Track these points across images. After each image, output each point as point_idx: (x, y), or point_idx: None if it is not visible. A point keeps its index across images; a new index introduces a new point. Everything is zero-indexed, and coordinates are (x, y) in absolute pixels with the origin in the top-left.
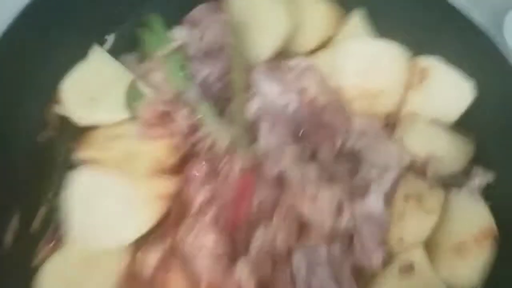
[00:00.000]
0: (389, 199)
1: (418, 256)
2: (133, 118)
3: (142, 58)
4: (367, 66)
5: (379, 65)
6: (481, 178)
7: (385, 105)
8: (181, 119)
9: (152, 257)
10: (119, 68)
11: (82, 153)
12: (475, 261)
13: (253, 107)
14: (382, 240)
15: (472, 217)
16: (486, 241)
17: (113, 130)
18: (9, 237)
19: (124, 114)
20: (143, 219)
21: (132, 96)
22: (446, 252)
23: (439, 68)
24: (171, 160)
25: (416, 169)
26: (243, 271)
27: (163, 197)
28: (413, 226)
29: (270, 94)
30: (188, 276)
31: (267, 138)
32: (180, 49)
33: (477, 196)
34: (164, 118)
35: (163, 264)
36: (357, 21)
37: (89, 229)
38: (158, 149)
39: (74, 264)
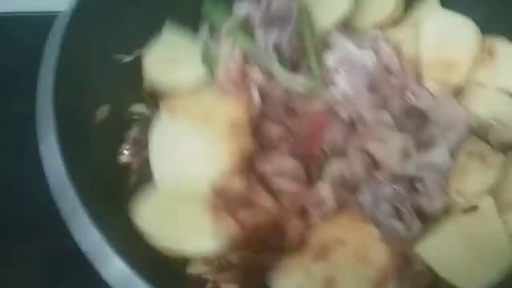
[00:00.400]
0: (453, 152)
1: (485, 201)
2: (211, 79)
3: (210, 32)
4: (444, 37)
5: (455, 37)
6: None
7: (457, 76)
8: (255, 75)
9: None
10: (191, 39)
11: (164, 113)
12: None
13: (332, 58)
14: (444, 188)
15: None
16: None
17: (193, 92)
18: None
19: (202, 74)
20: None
21: (208, 60)
22: (504, 207)
23: (504, 46)
24: (245, 120)
25: (479, 133)
26: (323, 187)
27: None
28: (474, 180)
29: (349, 49)
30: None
31: (344, 86)
32: (246, 20)
33: None
34: (240, 78)
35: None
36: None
37: (170, 170)
38: (234, 110)
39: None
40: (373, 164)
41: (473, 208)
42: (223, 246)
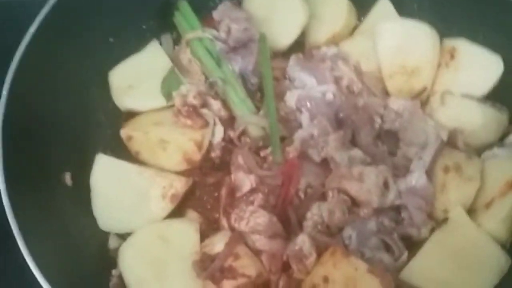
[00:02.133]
0: (430, 173)
1: (454, 210)
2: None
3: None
4: (402, 44)
5: (413, 43)
6: None
7: (420, 81)
8: (215, 110)
9: (217, 244)
10: (161, 57)
11: (125, 131)
12: (499, 213)
13: (292, 98)
14: (430, 213)
15: (500, 173)
16: (510, 191)
17: (154, 115)
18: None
19: (160, 102)
20: (151, 213)
21: (170, 84)
22: (477, 212)
23: (466, 47)
24: (197, 155)
25: (451, 142)
26: (304, 242)
27: (172, 198)
28: (456, 195)
29: (307, 84)
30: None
31: (309, 127)
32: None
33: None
34: (196, 110)
35: (231, 251)
36: (385, 4)
37: (107, 212)
38: (187, 142)
39: (154, 241)
40: (353, 202)
41: (444, 221)
42: None
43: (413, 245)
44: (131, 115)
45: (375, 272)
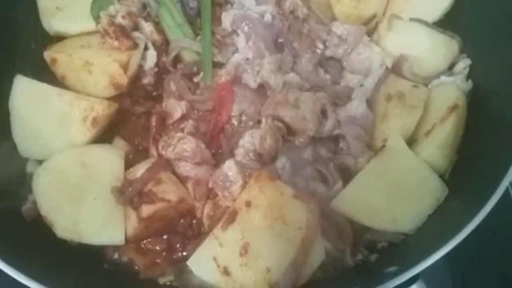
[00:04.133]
0: (371, 102)
1: (392, 138)
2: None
3: None
4: None
5: None
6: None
7: (370, 7)
8: (147, 34)
9: (139, 170)
10: None
11: (48, 54)
12: (437, 138)
13: (227, 18)
14: (368, 142)
15: (443, 100)
16: (450, 116)
17: (82, 38)
18: None
19: (89, 25)
20: (72, 138)
21: (100, 6)
22: (418, 141)
23: None
24: (124, 79)
25: (397, 70)
26: (230, 168)
27: (94, 121)
28: (396, 124)
29: (246, 4)
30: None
31: (244, 50)
32: None
33: (459, 79)
34: (123, 31)
35: (153, 176)
36: None
37: (27, 137)
38: (112, 64)
39: (73, 166)
40: (289, 131)
41: (381, 149)
42: (127, 237)
43: (350, 175)
44: (60, 39)
45: (300, 197)
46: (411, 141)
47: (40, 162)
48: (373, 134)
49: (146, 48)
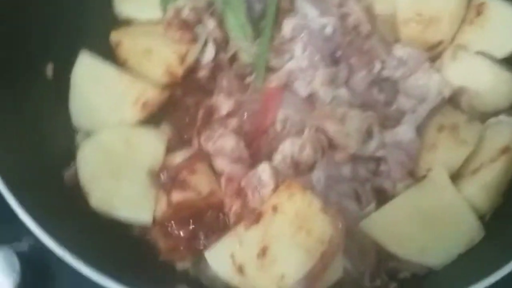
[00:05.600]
0: (421, 129)
1: (435, 170)
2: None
3: None
4: None
5: None
6: None
7: (437, 33)
8: (210, 29)
9: (178, 157)
10: None
11: (114, 36)
12: (483, 178)
13: (288, 25)
14: (410, 171)
15: (497, 140)
16: (500, 158)
17: (147, 26)
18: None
19: (157, 14)
20: (122, 117)
21: None
22: (463, 178)
23: (496, 5)
24: (179, 69)
25: (454, 101)
26: (264, 170)
27: (144, 105)
28: (444, 156)
29: (309, 15)
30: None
31: (299, 59)
32: None
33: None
34: (186, 25)
35: (190, 165)
36: None
37: (82, 110)
38: (170, 54)
39: (117, 143)
40: (330, 145)
41: (422, 178)
42: (155, 219)
43: (385, 199)
44: (127, 24)
45: (328, 212)
46: (456, 176)
47: (89, 134)
48: (417, 163)
49: (206, 43)
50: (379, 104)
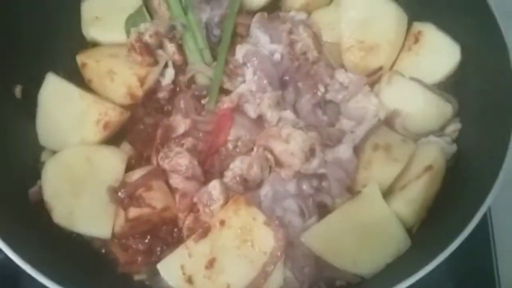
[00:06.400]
0: (358, 149)
1: (369, 186)
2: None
3: None
4: (366, 18)
5: (377, 19)
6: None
7: (378, 60)
8: (170, 53)
9: (136, 174)
10: None
11: (80, 57)
12: (409, 194)
13: (240, 51)
14: (349, 186)
15: (424, 159)
16: (424, 175)
17: (113, 48)
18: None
19: (121, 37)
20: (84, 136)
21: (134, 22)
22: (393, 193)
23: (431, 33)
24: (139, 91)
25: (389, 122)
26: (215, 187)
27: (105, 125)
28: (377, 173)
29: (261, 41)
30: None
31: (249, 83)
32: None
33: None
34: (147, 49)
35: (146, 182)
36: None
37: (47, 129)
38: (131, 76)
39: (79, 161)
40: (277, 163)
41: (357, 193)
42: (114, 233)
43: (326, 214)
44: (94, 45)
45: (271, 225)
46: (387, 192)
47: (54, 152)
48: (354, 179)
49: (166, 66)
50: (323, 125)
